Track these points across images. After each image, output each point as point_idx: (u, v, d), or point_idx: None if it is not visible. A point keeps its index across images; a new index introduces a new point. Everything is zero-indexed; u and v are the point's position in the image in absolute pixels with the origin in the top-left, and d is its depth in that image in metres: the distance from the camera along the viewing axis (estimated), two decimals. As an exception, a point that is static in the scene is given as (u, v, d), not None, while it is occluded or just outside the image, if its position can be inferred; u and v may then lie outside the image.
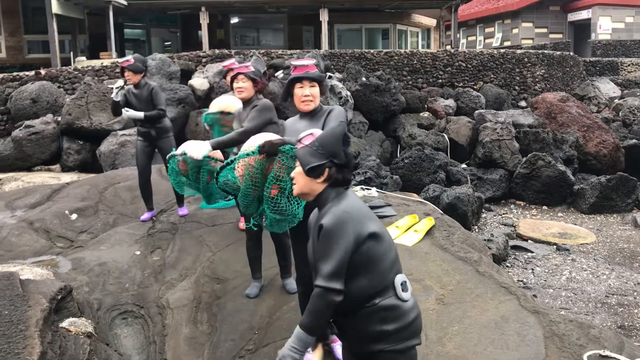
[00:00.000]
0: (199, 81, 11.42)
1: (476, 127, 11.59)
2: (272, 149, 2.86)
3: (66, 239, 5.34)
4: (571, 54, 18.29)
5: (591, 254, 7.44)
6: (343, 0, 17.87)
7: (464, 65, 14.85)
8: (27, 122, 9.89)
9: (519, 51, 16.31)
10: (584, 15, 26.73)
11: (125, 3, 16.54)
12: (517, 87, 15.41)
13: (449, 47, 19.74)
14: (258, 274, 4.12)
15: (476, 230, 8.33)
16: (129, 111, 5.22)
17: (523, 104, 14.97)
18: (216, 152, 3.85)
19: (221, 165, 3.09)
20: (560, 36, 27.34)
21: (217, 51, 13.32)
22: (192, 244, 4.96)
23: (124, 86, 5.29)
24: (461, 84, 14.70)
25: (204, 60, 12.84)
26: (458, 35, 23.88)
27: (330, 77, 11.77)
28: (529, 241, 7.95)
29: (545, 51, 17.27)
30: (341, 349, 2.35)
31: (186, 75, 12.08)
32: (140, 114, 5.23)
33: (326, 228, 2.06)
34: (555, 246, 7.71)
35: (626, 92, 17.42)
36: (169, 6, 17.78)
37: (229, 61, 5.12)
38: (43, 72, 11.63)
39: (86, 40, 18.11)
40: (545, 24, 27.59)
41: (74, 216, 5.71)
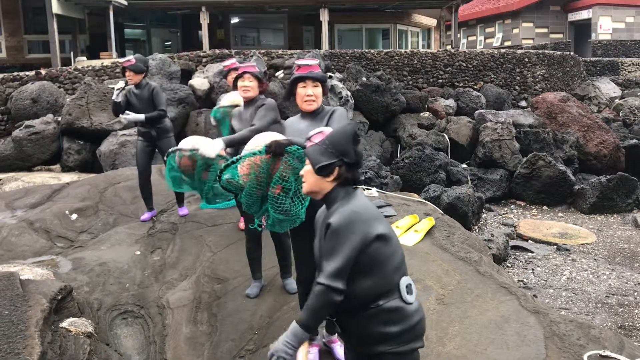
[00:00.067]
0: (199, 81, 11.43)
1: (476, 127, 11.59)
2: (279, 149, 2.83)
3: (66, 239, 5.34)
4: (571, 54, 18.28)
5: (591, 254, 7.44)
6: (343, 0, 17.87)
7: (464, 65, 14.85)
8: (28, 122, 9.90)
9: (519, 51, 16.31)
10: (584, 15, 26.73)
11: (126, 3, 16.55)
12: (517, 87, 15.40)
13: (449, 47, 19.74)
14: (258, 274, 4.12)
15: (476, 231, 8.32)
16: (130, 114, 5.19)
17: (523, 104, 14.96)
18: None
19: (225, 164, 3.03)
20: (561, 36, 27.34)
21: (217, 51, 13.33)
22: (193, 244, 4.96)
23: (125, 87, 5.29)
24: (461, 84, 14.70)
25: (204, 60, 12.84)
26: (458, 35, 23.88)
27: (330, 77, 11.77)
28: (529, 241, 7.94)
29: (546, 51, 17.26)
30: (343, 349, 2.34)
31: (186, 75, 12.09)
32: (141, 116, 5.21)
33: (334, 227, 2.04)
34: (555, 246, 7.71)
35: (626, 92, 17.41)
36: (170, 6, 17.79)
37: (230, 61, 5.15)
38: (43, 72, 11.63)
39: (86, 40, 18.12)
40: (546, 24, 27.59)
41: (74, 216, 5.71)
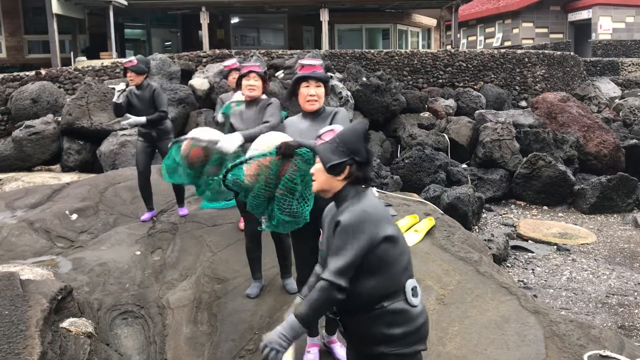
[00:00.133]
0: (200, 81, 11.43)
1: (476, 127, 11.59)
2: (289, 151, 2.80)
3: (66, 239, 5.34)
4: (572, 54, 18.28)
5: (591, 254, 7.44)
6: (343, 0, 17.87)
7: (464, 65, 14.84)
8: (28, 122, 9.90)
9: (519, 51, 16.31)
10: (584, 15, 26.72)
11: (126, 3, 16.55)
12: (517, 87, 15.40)
13: (449, 47, 19.73)
14: (258, 274, 4.12)
15: (476, 231, 8.32)
16: (131, 118, 5.20)
17: (523, 104, 14.96)
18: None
19: (233, 164, 2.98)
20: (561, 36, 27.33)
21: (217, 51, 13.33)
22: (193, 244, 4.96)
23: (125, 89, 5.29)
24: (461, 84, 14.70)
25: (204, 60, 12.84)
26: (458, 35, 23.89)
27: (330, 77, 11.78)
28: (530, 241, 7.94)
29: (546, 51, 17.26)
30: (345, 349, 2.34)
31: (186, 75, 12.09)
32: (142, 119, 5.21)
33: (343, 225, 2.03)
34: (555, 246, 7.71)
35: (627, 92, 17.41)
36: (170, 6, 17.79)
37: (231, 61, 5.13)
38: (43, 72, 11.63)
39: (86, 40, 18.12)
40: (546, 24, 27.59)
41: (74, 216, 5.71)
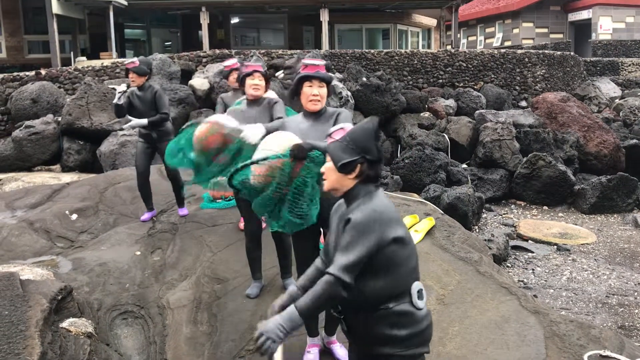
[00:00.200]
0: (200, 81, 11.43)
1: (477, 127, 11.59)
2: (302, 154, 2.78)
3: (66, 239, 5.34)
4: (572, 54, 18.28)
5: (592, 254, 7.44)
6: (343, 1, 17.87)
7: (464, 65, 14.84)
8: (28, 123, 9.90)
9: (519, 51, 16.31)
10: (584, 15, 26.72)
11: (126, 3, 16.55)
12: (517, 87, 15.40)
13: (449, 47, 19.73)
14: (258, 274, 4.12)
15: (476, 231, 8.32)
16: (133, 120, 5.21)
17: (523, 104, 14.96)
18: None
19: (243, 164, 2.91)
20: (561, 36, 27.33)
21: (217, 51, 13.33)
22: (193, 244, 4.96)
23: (127, 90, 5.29)
24: (462, 84, 14.69)
25: (204, 60, 12.84)
26: (458, 35, 23.89)
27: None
28: (530, 241, 7.94)
29: (546, 51, 17.26)
30: (348, 351, 2.33)
31: (186, 75, 12.09)
32: (144, 121, 5.21)
33: (354, 222, 2.02)
34: (555, 246, 7.71)
35: (627, 92, 17.41)
36: (170, 6, 17.79)
37: (231, 61, 5.11)
38: (43, 72, 11.63)
39: (86, 40, 18.12)
40: (546, 24, 27.58)
41: (74, 216, 5.71)
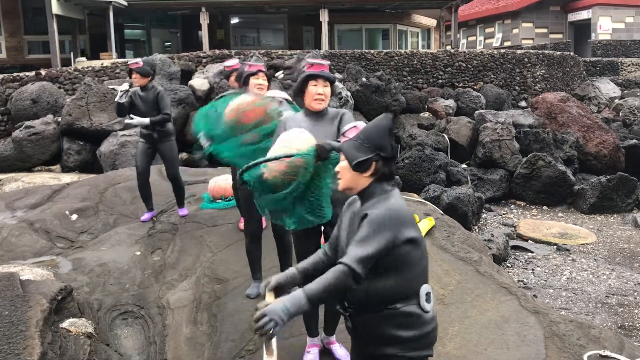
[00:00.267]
0: (199, 81, 11.43)
1: (476, 128, 11.59)
2: (325, 155, 2.75)
3: (66, 239, 5.34)
4: (571, 54, 18.28)
5: (591, 254, 7.44)
6: (343, 1, 17.88)
7: (464, 65, 14.85)
8: (28, 123, 9.90)
9: (519, 51, 16.31)
10: (584, 15, 26.73)
11: (126, 3, 16.55)
12: (517, 87, 15.40)
13: (449, 48, 19.74)
14: (258, 274, 4.12)
15: (476, 231, 8.32)
16: (134, 118, 5.21)
17: (523, 104, 14.96)
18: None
19: (257, 161, 2.82)
20: (561, 36, 27.34)
21: (217, 51, 13.33)
22: (192, 245, 4.96)
23: (129, 89, 5.29)
24: (461, 84, 14.70)
25: (204, 60, 12.84)
26: (458, 36, 23.89)
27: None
28: (529, 241, 7.95)
29: (546, 51, 17.26)
30: (350, 349, 2.32)
31: (186, 75, 12.09)
32: (146, 120, 5.22)
33: (372, 217, 2.01)
34: (555, 246, 7.71)
35: (626, 92, 17.41)
36: (169, 7, 17.79)
37: (232, 61, 5.09)
38: (43, 72, 11.64)
39: (86, 40, 18.13)
40: (546, 24, 27.59)
41: (74, 217, 5.71)
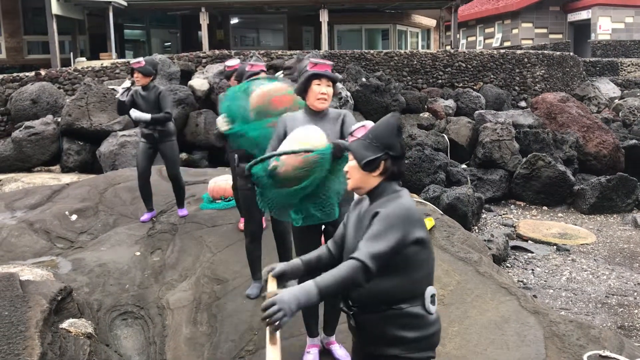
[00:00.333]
0: (199, 82, 11.43)
1: (476, 128, 11.59)
2: (340, 154, 2.73)
3: (66, 239, 5.34)
4: (571, 54, 18.28)
5: (591, 255, 7.44)
6: (343, 1, 17.88)
7: (463, 65, 14.85)
8: (27, 123, 9.90)
9: (518, 51, 16.31)
10: (583, 15, 26.73)
11: (125, 4, 16.55)
12: (517, 88, 15.41)
13: (448, 48, 19.74)
14: (258, 274, 4.12)
15: (476, 231, 8.32)
16: (136, 112, 5.22)
17: (523, 104, 14.96)
18: None
19: (274, 153, 2.80)
20: (560, 36, 27.34)
21: (217, 52, 13.33)
22: (192, 245, 4.96)
23: (131, 87, 5.30)
24: (461, 85, 14.70)
25: (203, 60, 12.84)
26: (458, 36, 23.89)
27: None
28: (529, 241, 7.95)
29: (545, 51, 17.27)
30: (352, 349, 2.32)
31: (186, 75, 12.09)
32: (147, 115, 5.23)
33: (384, 214, 2.00)
34: (555, 246, 7.71)
35: (626, 93, 17.41)
36: (169, 7, 17.79)
37: (234, 61, 5.08)
38: (43, 72, 11.63)
39: (86, 41, 18.12)
40: (545, 25, 27.59)
41: (74, 217, 5.71)
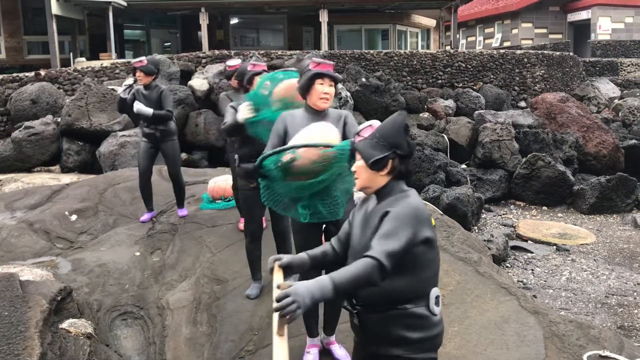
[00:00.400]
0: (199, 82, 11.43)
1: (476, 128, 11.59)
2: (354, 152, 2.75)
3: (66, 240, 5.34)
4: (571, 54, 18.28)
5: (591, 255, 7.44)
6: (343, 1, 17.88)
7: (463, 65, 14.85)
8: (27, 123, 9.90)
9: (518, 51, 16.31)
10: (583, 15, 26.74)
11: (125, 4, 16.54)
12: (516, 88, 15.41)
13: (448, 48, 19.74)
14: (258, 274, 4.12)
15: (476, 231, 8.32)
16: (139, 104, 5.23)
17: (523, 104, 14.97)
18: None
19: (292, 145, 2.76)
20: (560, 36, 27.34)
21: (216, 52, 13.33)
22: (192, 245, 4.96)
23: (133, 85, 5.30)
24: (461, 85, 14.70)
25: (203, 61, 12.84)
26: (458, 36, 23.89)
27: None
28: (529, 242, 7.95)
29: (545, 51, 17.27)
30: (352, 349, 2.32)
31: (186, 76, 12.09)
32: (149, 110, 5.24)
33: (395, 213, 1.99)
34: (555, 246, 7.71)
35: (626, 93, 17.42)
36: (169, 7, 17.79)
37: (235, 61, 5.07)
38: (43, 73, 11.63)
39: (86, 41, 18.12)
40: (545, 25, 27.60)
41: (74, 217, 5.71)
